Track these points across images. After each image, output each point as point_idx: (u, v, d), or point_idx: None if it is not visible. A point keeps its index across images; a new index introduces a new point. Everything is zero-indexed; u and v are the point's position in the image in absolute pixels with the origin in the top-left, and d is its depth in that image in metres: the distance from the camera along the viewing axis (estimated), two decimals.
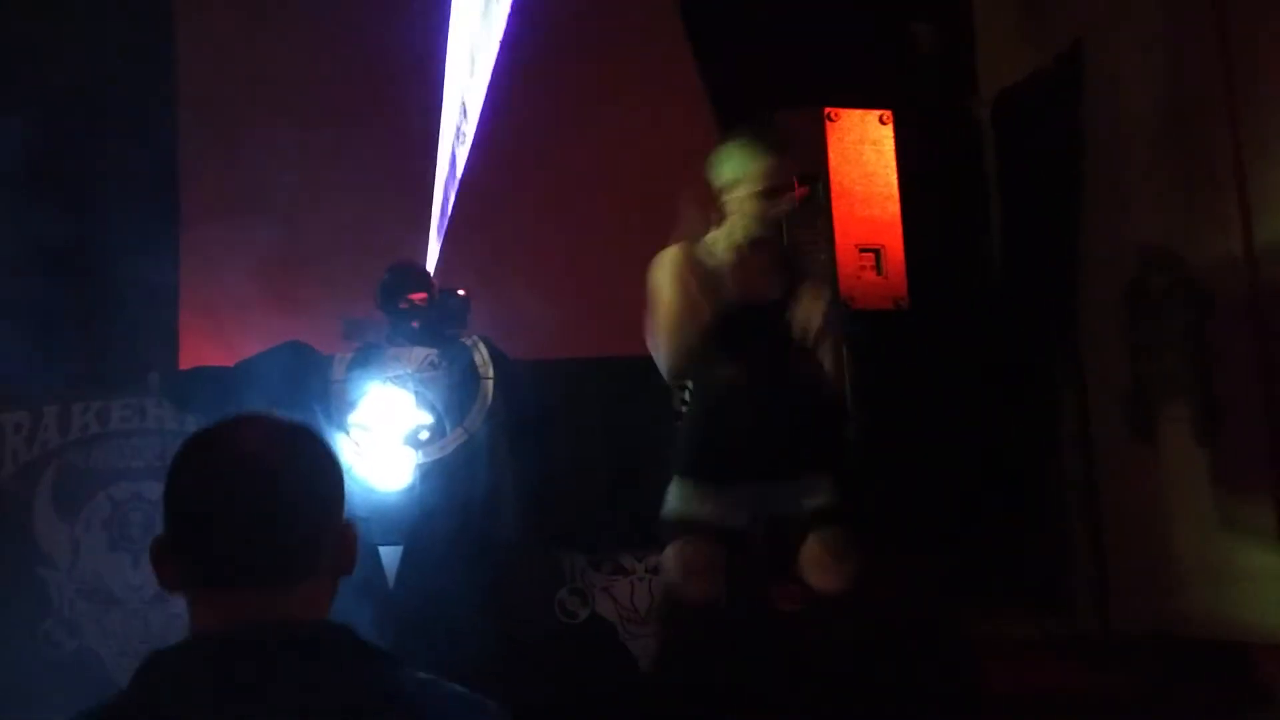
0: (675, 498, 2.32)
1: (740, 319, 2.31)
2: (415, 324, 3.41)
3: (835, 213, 2.96)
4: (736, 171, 2.36)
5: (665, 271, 2.35)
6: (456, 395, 3.37)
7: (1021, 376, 4.11)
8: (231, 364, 3.45)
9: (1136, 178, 3.84)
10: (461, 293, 3.54)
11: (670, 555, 2.31)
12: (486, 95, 4.01)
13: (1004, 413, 4.05)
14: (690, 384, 2.50)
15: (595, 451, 3.38)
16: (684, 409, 2.62)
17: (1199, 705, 3.05)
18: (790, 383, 2.31)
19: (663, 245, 2.45)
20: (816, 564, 2.27)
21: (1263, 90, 3.31)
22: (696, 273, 2.33)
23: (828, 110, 2.98)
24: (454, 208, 3.95)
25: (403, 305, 3.41)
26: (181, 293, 4.05)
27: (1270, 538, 3.25)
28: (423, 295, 3.43)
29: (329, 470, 1.01)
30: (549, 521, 3.34)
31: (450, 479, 3.26)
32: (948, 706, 2.92)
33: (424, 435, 3.32)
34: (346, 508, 1.03)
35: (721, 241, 2.40)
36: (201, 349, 3.93)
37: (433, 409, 3.35)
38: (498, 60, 4.00)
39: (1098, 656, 3.71)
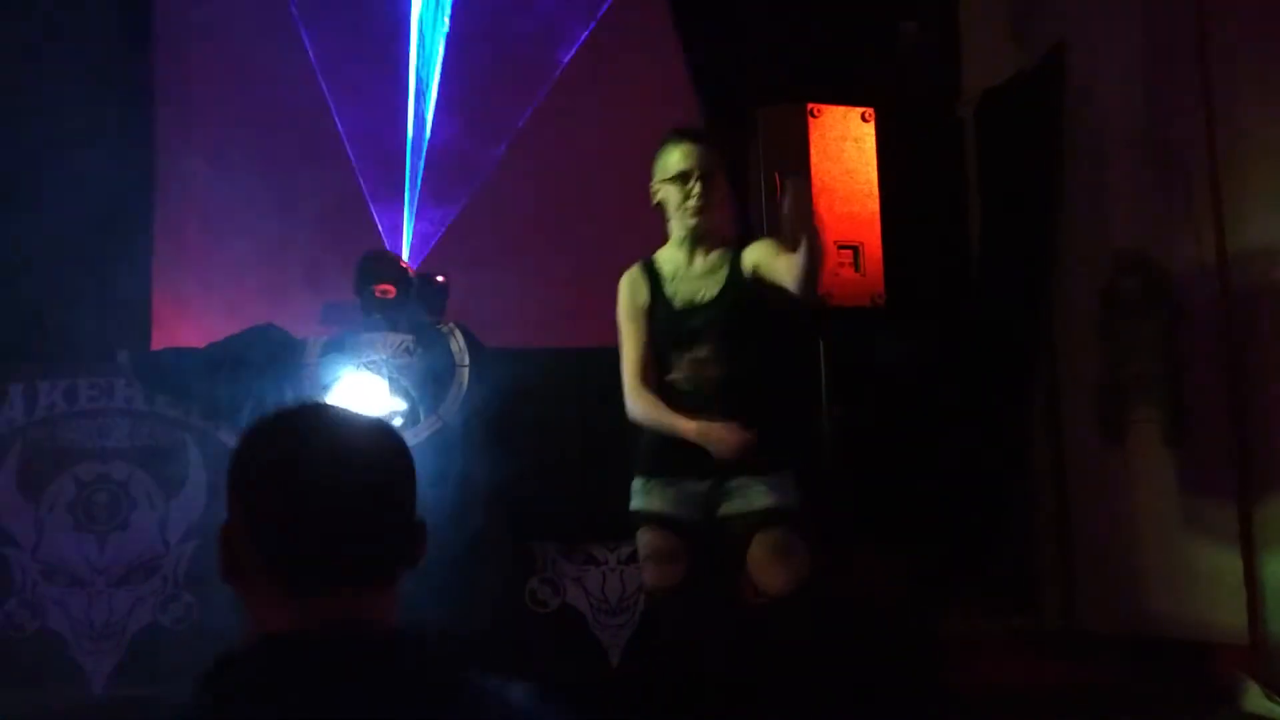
0: (635, 493, 2.46)
1: (681, 322, 2.42)
2: (378, 315, 3.39)
3: (815, 209, 2.96)
4: (657, 167, 2.48)
5: (619, 302, 2.50)
6: (431, 382, 3.35)
7: (996, 375, 4.14)
8: (203, 345, 3.42)
9: (1114, 181, 3.87)
10: (440, 279, 3.52)
11: (637, 544, 2.45)
12: (469, 86, 3.99)
13: (977, 411, 4.08)
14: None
15: (569, 441, 3.37)
16: None
17: (1161, 703, 3.09)
18: (735, 381, 2.39)
19: (641, 237, 2.49)
20: (760, 565, 2.35)
21: (1239, 97, 3.34)
22: (645, 290, 2.46)
23: (811, 106, 2.98)
24: (426, 187, 3.92)
25: (367, 295, 3.40)
26: (154, 272, 4.00)
27: (1232, 541, 3.30)
28: (388, 287, 3.40)
29: (406, 469, 0.96)
30: (521, 511, 3.32)
31: (423, 466, 3.23)
32: (915, 702, 2.94)
33: (397, 422, 3.29)
34: None
35: (668, 247, 2.51)
36: (174, 329, 3.88)
37: (407, 395, 3.33)
38: (482, 51, 3.98)
39: (1063, 653, 3.75)
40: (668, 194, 2.45)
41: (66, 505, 3.25)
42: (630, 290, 2.48)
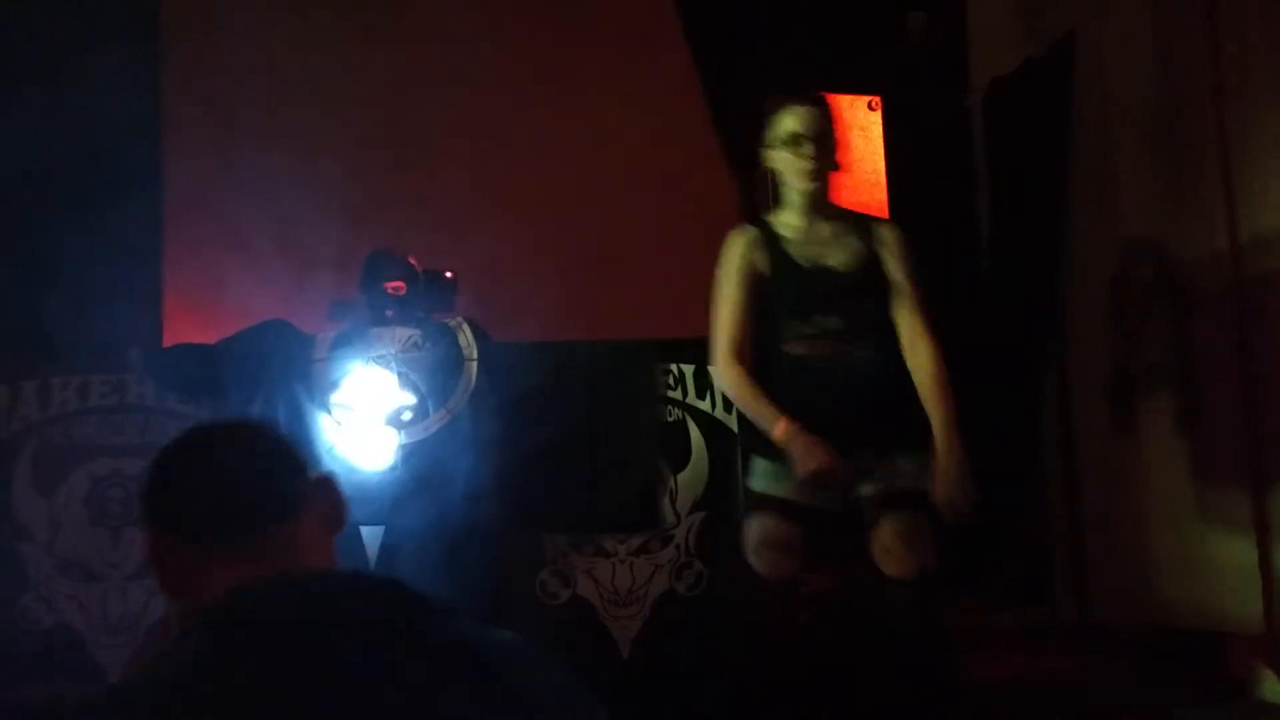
0: (756, 474, 2.30)
1: (808, 286, 2.27)
2: (389, 312, 3.40)
3: None
4: (769, 131, 2.33)
5: (726, 261, 2.33)
6: (440, 376, 3.36)
7: (1005, 366, 4.13)
8: (214, 342, 3.43)
9: (1124, 170, 3.85)
10: (448, 274, 3.53)
11: (747, 529, 2.30)
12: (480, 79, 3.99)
13: (986, 402, 4.06)
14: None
15: (579, 434, 3.38)
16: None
17: (1176, 694, 3.08)
18: (868, 356, 2.25)
19: (647, 229, 2.45)
20: (888, 550, 2.20)
21: (1250, 86, 3.32)
22: (763, 252, 2.30)
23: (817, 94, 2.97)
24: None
25: (377, 293, 3.41)
26: (165, 269, 4.02)
27: (1246, 529, 3.28)
28: (399, 284, 3.41)
29: (293, 450, 1.07)
30: (531, 503, 3.33)
31: (432, 460, 3.25)
32: (927, 695, 2.93)
33: (406, 416, 3.31)
34: None
35: (784, 212, 2.37)
36: (184, 326, 3.90)
37: (416, 390, 3.34)
38: (491, 44, 3.98)
39: (1077, 646, 3.74)
40: (780, 159, 2.31)
41: (81, 501, 3.27)
42: (744, 250, 2.28)
